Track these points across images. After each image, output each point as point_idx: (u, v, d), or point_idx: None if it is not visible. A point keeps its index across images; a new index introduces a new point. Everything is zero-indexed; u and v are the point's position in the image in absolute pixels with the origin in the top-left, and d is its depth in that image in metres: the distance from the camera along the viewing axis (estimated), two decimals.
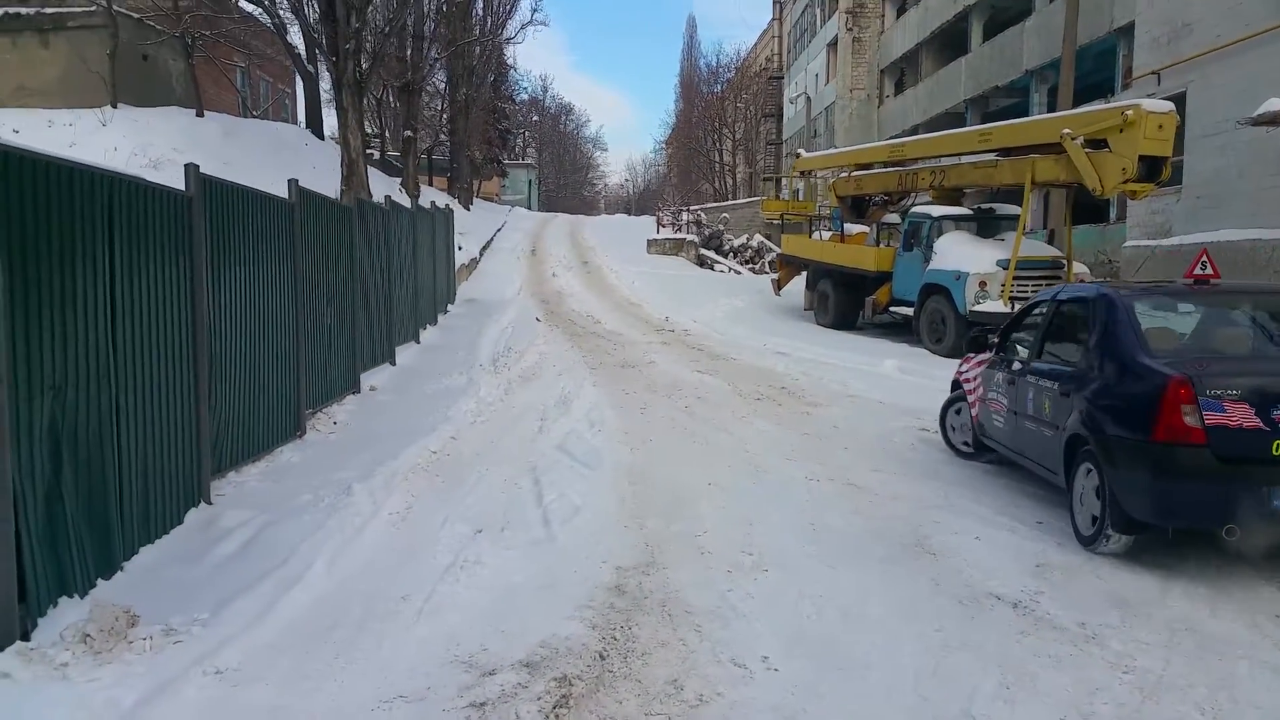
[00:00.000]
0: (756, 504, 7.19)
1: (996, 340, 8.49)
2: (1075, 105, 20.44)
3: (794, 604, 5.22)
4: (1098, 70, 26.59)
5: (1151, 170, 13.72)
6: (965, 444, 8.89)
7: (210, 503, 6.82)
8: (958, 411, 9.04)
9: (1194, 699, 4.15)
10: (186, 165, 6.88)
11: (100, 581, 5.10)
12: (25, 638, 4.29)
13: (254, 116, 35.09)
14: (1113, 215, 23.69)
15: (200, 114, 28.49)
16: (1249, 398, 5.58)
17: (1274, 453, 5.50)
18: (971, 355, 9.07)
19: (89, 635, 4.26)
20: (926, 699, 4.16)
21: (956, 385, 9.18)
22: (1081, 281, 15.46)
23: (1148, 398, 5.81)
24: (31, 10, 27.49)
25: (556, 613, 5.08)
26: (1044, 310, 7.84)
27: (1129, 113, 13.45)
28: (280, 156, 27.16)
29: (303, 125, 37.38)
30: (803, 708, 4.08)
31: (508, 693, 4.16)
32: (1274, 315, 6.77)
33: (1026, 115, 25.50)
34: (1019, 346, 8.11)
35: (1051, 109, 24.04)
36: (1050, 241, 19.13)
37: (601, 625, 4.93)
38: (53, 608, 4.60)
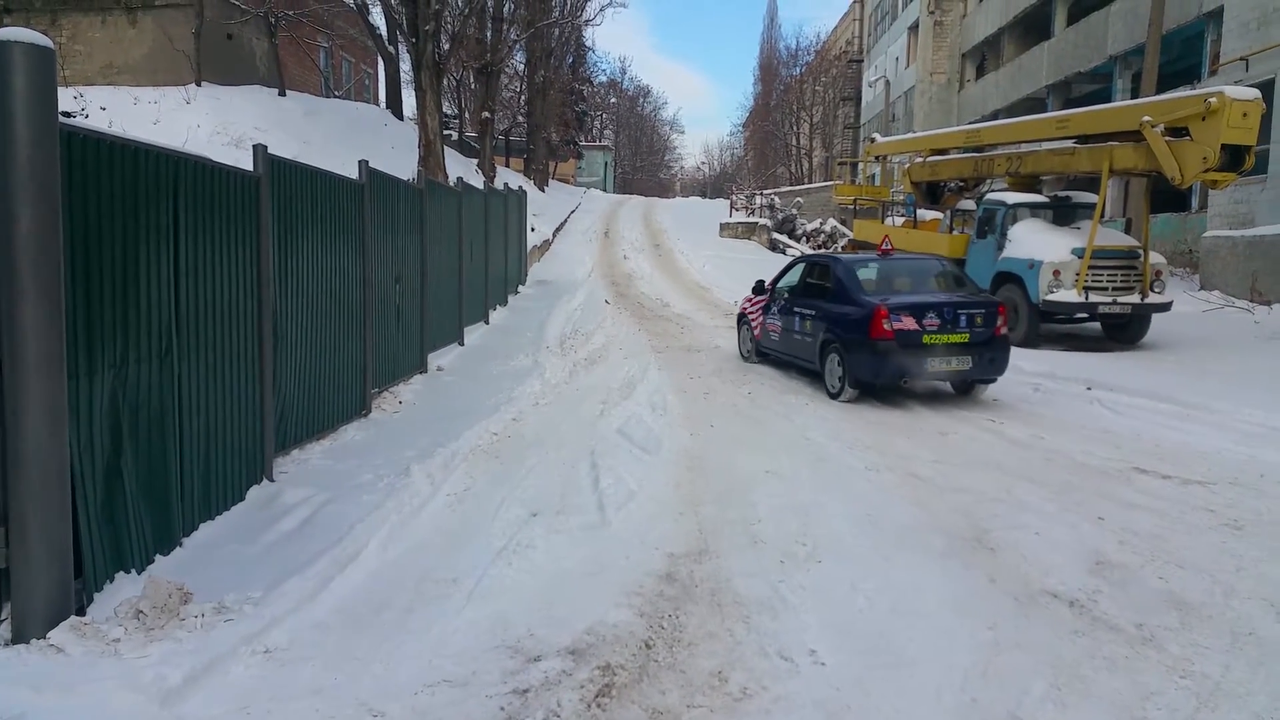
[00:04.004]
0: (814, 493, 7.07)
1: (770, 287, 13.51)
2: (1160, 91, 19.83)
3: (846, 596, 5.10)
4: (1184, 56, 25.73)
5: (1235, 159, 13.17)
6: (749, 353, 14.06)
7: (273, 480, 6.90)
8: (745, 331, 14.22)
9: (1253, 708, 3.96)
10: (255, 146, 6.93)
11: (158, 557, 5.18)
12: (81, 612, 4.35)
13: (335, 96, 35.60)
14: (1194, 204, 22.95)
15: (283, 93, 28.95)
16: (911, 313, 10.42)
17: (923, 341, 10.34)
18: (751, 297, 14.08)
19: (142, 611, 4.30)
20: (975, 700, 4.02)
21: (741, 318, 14.48)
22: (1158, 273, 15.06)
23: (866, 317, 10.55)
24: None
25: (605, 599, 5.02)
26: (801, 269, 13.02)
27: (1212, 100, 12.92)
28: (359, 136, 27.50)
29: (383, 106, 37.82)
30: (847, 704, 3.97)
31: (551, 680, 4.11)
32: (922, 270, 12.04)
33: (1109, 102, 24.77)
34: (784, 291, 13.04)
35: (1135, 95, 23.31)
36: (1128, 230, 18.54)
37: (650, 613, 4.87)
38: (109, 583, 4.66)
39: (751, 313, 13.96)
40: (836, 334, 11.04)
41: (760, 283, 13.97)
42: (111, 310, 4.77)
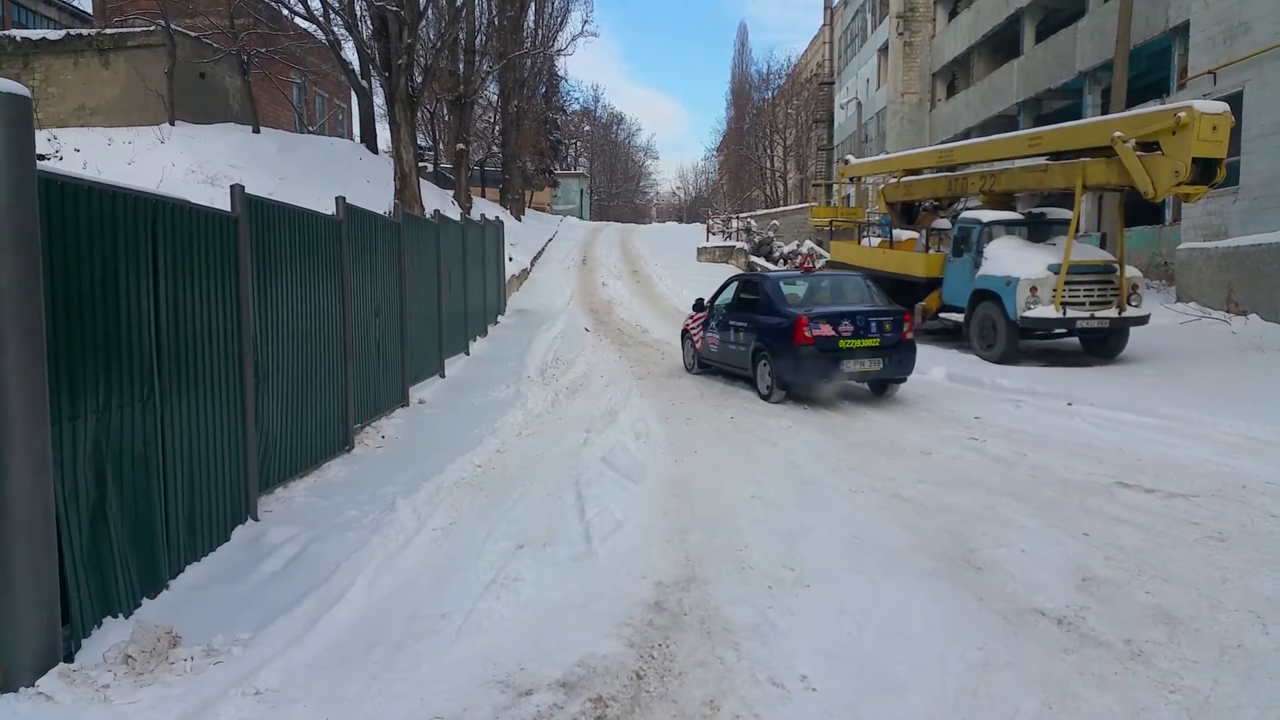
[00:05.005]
0: (800, 517, 7.10)
1: (709, 305, 15.07)
2: (1129, 106, 20.10)
3: (835, 621, 5.13)
4: (1152, 71, 26.12)
5: (1206, 172, 13.35)
6: (691, 364, 15.67)
7: (257, 519, 6.87)
8: (688, 345, 15.81)
9: None
10: (232, 186, 6.94)
11: (145, 601, 5.15)
12: (69, 659, 4.33)
13: (309, 132, 35.60)
14: (1168, 217, 23.24)
15: (256, 130, 28.94)
16: (828, 321, 11.93)
17: (839, 346, 11.86)
18: (693, 314, 15.70)
19: (131, 656, 4.29)
20: None
21: (684, 334, 16.09)
22: (1134, 286, 15.21)
23: (791, 326, 12.06)
24: (92, 31, 28.09)
25: (595, 630, 5.04)
26: (735, 287, 14.67)
27: (1182, 114, 13.12)
28: (334, 171, 27.52)
29: (357, 140, 37.83)
30: None
31: (543, 714, 4.12)
32: (838, 284, 13.80)
33: (1080, 117, 25.08)
34: (720, 307, 14.64)
35: (1105, 111, 23.64)
36: (1103, 245, 18.75)
37: (639, 643, 4.88)
38: (97, 628, 4.64)
39: (693, 328, 15.61)
40: (765, 342, 12.67)
41: (700, 300, 15.66)
42: (93, 355, 4.77)
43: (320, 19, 26.09)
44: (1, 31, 28.06)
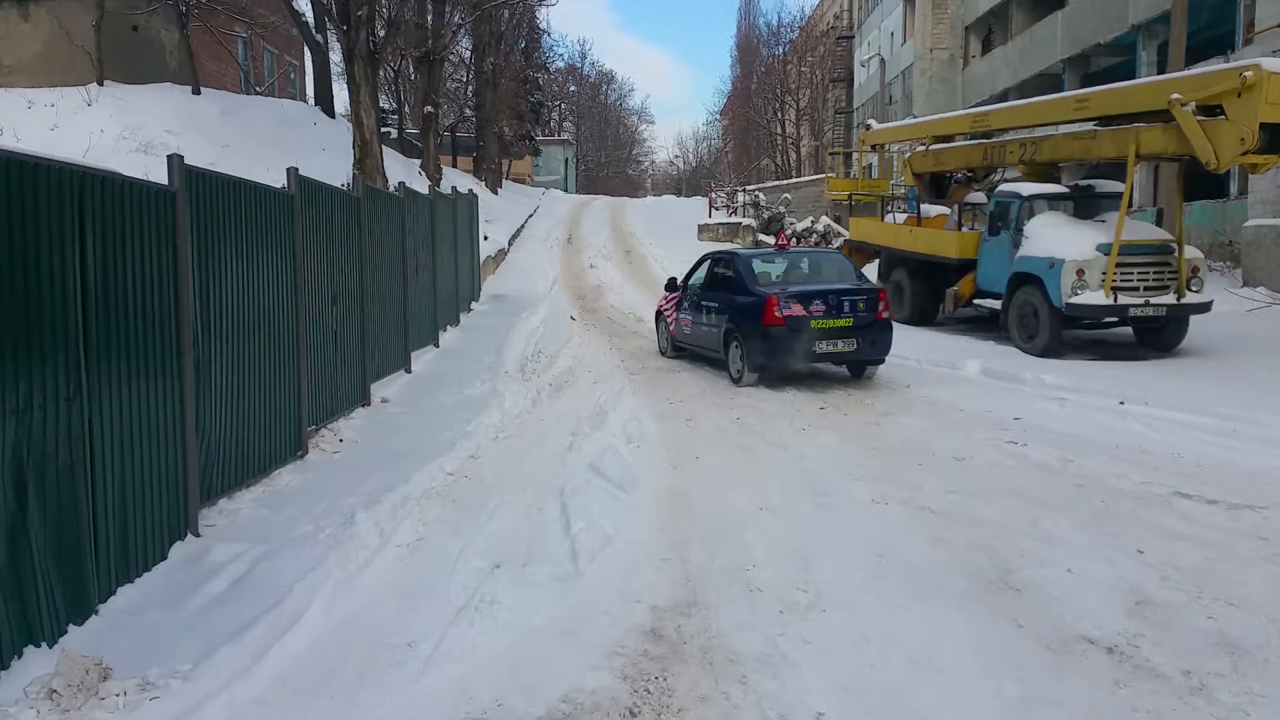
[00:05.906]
0: (815, 532, 7.12)
1: (682, 284, 16.10)
2: (1189, 64, 20.09)
3: (854, 650, 5.14)
4: (1215, 24, 26.13)
5: (1275, 139, 13.35)
6: (666, 345, 16.75)
7: (198, 534, 6.87)
8: (662, 327, 16.92)
9: None
10: (170, 156, 6.93)
11: (72, 628, 5.15)
12: None
13: (257, 93, 35.54)
14: (1233, 190, 23.27)
15: (197, 91, 28.89)
16: (799, 301, 12.98)
17: (811, 325, 12.84)
18: (666, 294, 16.82)
19: (56, 690, 4.29)
20: None
21: (659, 316, 17.24)
22: (1195, 269, 15.22)
23: (760, 305, 13.06)
24: None
25: (582, 661, 5.05)
26: (707, 265, 15.59)
27: (1248, 74, 13.11)
28: (286, 137, 27.49)
29: (311, 101, 37.76)
30: None
31: None
32: (813, 262, 15.30)
33: (1132, 76, 25.10)
34: (693, 286, 15.60)
35: (1161, 69, 23.64)
36: (1159, 222, 18.78)
37: (633, 676, 4.90)
38: (17, 659, 4.64)
39: (666, 309, 16.74)
40: (736, 323, 13.67)
41: (673, 280, 16.95)
42: (12, 349, 4.76)
43: None
44: None
